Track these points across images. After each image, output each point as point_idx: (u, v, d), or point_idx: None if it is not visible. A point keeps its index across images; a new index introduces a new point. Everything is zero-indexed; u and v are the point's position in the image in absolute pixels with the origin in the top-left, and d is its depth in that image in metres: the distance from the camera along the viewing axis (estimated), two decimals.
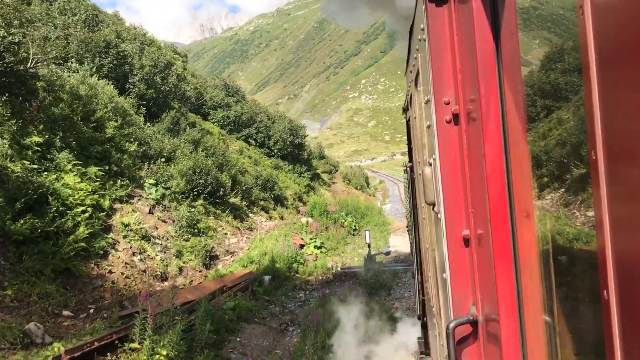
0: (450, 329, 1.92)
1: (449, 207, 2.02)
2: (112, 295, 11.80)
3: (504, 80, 1.60)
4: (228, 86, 45.34)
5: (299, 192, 33.16)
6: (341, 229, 22.51)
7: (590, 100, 0.90)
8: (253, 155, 33.40)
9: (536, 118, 1.50)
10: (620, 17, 0.79)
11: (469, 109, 1.86)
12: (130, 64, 24.87)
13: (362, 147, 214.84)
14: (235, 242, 18.20)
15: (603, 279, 0.88)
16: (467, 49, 1.81)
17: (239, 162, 27.88)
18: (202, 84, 38.64)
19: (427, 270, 3.64)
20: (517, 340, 1.59)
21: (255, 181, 26.87)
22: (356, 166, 69.32)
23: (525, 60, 1.55)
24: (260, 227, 22.87)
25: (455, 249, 2.01)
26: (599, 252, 0.89)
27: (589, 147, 0.91)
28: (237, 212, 21.98)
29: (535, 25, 1.61)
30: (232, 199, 23.04)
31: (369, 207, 28.35)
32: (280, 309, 12.13)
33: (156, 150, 20.38)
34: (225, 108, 36.10)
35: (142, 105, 24.33)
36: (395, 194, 51.37)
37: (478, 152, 1.72)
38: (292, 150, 41.14)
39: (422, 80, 2.50)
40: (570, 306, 1.35)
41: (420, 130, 3.05)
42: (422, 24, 2.21)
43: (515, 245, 1.59)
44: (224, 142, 31.13)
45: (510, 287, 1.60)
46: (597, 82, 0.88)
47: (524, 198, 1.56)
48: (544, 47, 1.55)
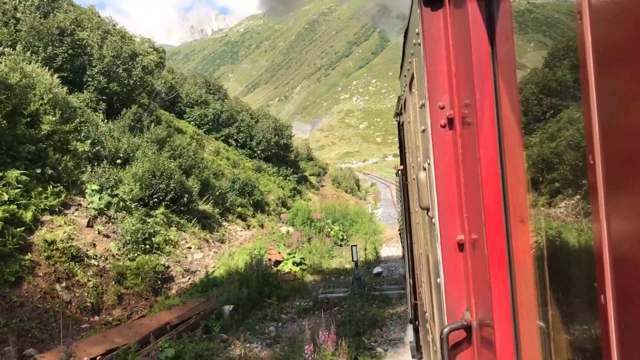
0: (444, 335, 1.91)
1: (443, 211, 2.02)
2: (20, 337, 9.03)
3: (499, 85, 1.60)
4: (209, 83, 42.55)
5: (282, 197, 30.42)
6: (327, 240, 19.83)
7: (588, 104, 0.89)
8: (232, 156, 30.61)
9: (532, 123, 1.47)
10: (618, 23, 0.79)
11: (463, 114, 1.85)
12: (89, 54, 22.06)
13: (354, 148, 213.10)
14: (200, 258, 15.44)
15: (600, 284, 0.88)
16: (462, 53, 1.82)
17: (213, 164, 25.11)
18: (180, 80, 35.83)
19: (420, 275, 3.61)
20: (511, 346, 1.59)
21: (231, 185, 24.12)
22: (346, 168, 66.58)
23: (520, 63, 1.53)
24: (235, 237, 20.13)
25: (449, 253, 2.00)
26: (597, 257, 0.89)
27: (587, 151, 0.92)
28: (207, 222, 19.22)
29: (531, 28, 1.59)
30: (202, 205, 20.27)
31: (358, 212, 25.68)
32: (242, 352, 9.38)
33: (110, 151, 17.58)
34: (203, 106, 33.30)
35: (101, 101, 21.54)
36: (387, 197, 48.77)
37: (473, 157, 1.73)
38: (277, 151, 38.41)
39: (417, 85, 2.52)
40: (565, 312, 1.33)
41: (414, 135, 3.05)
42: (417, 28, 2.21)
43: (510, 251, 1.60)
44: (199, 142, 28.34)
45: (505, 292, 1.60)
46: (594, 87, 0.87)
47: (519, 203, 1.56)
48: (539, 50, 1.52)
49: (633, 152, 0.77)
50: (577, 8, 0.92)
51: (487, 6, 1.61)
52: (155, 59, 33.73)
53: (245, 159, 33.32)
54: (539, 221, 1.45)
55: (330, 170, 54.59)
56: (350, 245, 12.97)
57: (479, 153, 1.64)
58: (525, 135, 1.49)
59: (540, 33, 1.54)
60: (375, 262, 16.46)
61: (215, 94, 41.31)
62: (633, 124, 0.77)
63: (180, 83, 34.82)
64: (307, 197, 40.48)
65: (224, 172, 25.97)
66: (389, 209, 38.34)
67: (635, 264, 0.78)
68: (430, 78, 2.04)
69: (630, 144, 0.78)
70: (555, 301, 1.36)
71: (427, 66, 2.04)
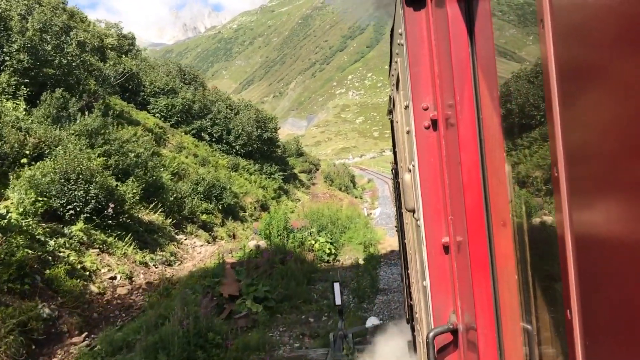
0: (430, 338, 1.89)
1: (428, 214, 2.01)
2: None
3: (479, 87, 1.59)
4: (184, 72, 37.97)
5: (263, 199, 25.90)
6: (309, 255, 15.35)
7: (552, 115, 0.88)
8: (202, 153, 26.04)
9: (513, 125, 1.47)
10: (581, 31, 0.78)
11: (447, 115, 1.84)
12: (7, 27, 17.53)
13: (351, 144, 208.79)
14: (125, 296, 10.96)
15: (566, 299, 0.87)
16: (443, 54, 1.81)
17: (173, 162, 20.61)
18: (145, 67, 31.24)
19: (411, 276, 3.58)
20: (494, 350, 1.58)
21: (194, 188, 19.63)
22: (340, 164, 61.88)
23: (519, 56, 1.51)
24: (191, 256, 15.66)
25: (435, 256, 1.99)
26: (562, 272, 0.88)
27: (551, 163, 0.90)
28: (151, 237, 14.73)
29: (530, 21, 1.46)
30: (148, 215, 15.78)
31: (352, 217, 21.19)
32: None
33: (13, 147, 13.09)
34: (170, 95, 28.74)
35: (22, 85, 17.03)
36: (385, 194, 44.30)
37: (455, 159, 1.72)
38: (260, 146, 33.87)
39: (402, 85, 2.53)
40: (547, 315, 1.34)
41: (401, 135, 3.05)
42: (401, 28, 2.19)
43: (492, 254, 1.59)
44: (161, 136, 23.80)
45: (488, 295, 1.60)
46: (557, 97, 0.86)
47: (501, 206, 1.56)
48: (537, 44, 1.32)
49: (596, 164, 0.75)
50: (539, 16, 0.89)
51: (467, 7, 1.61)
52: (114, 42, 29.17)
53: (221, 156, 28.79)
54: (521, 224, 1.45)
55: (323, 166, 50.03)
56: (331, 281, 8.50)
57: (460, 156, 1.64)
58: (506, 138, 1.48)
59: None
60: (370, 294, 12.01)
61: (191, 83, 36.75)
62: (595, 134, 0.75)
63: (145, 70, 30.23)
64: (296, 197, 35.99)
65: (188, 171, 21.47)
66: (388, 208, 33.88)
67: (601, 279, 0.77)
68: (413, 79, 2.03)
69: (593, 156, 0.76)
70: (538, 305, 1.36)
71: (411, 67, 2.03)
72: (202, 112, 29.85)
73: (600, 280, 0.77)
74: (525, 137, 1.36)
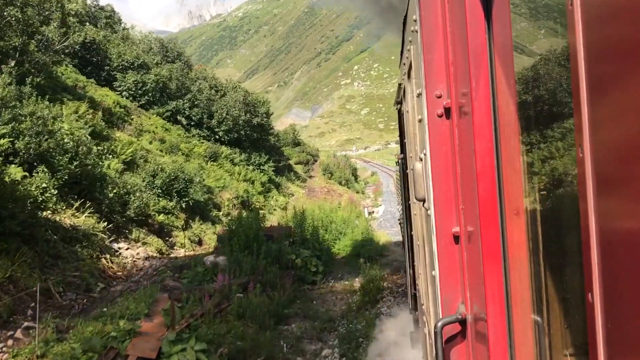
0: (438, 328, 1.87)
1: (439, 203, 1.99)
2: None
3: (496, 74, 1.57)
4: (166, 48, 33.82)
5: (245, 195, 21.79)
6: (286, 278, 11.31)
7: (578, 95, 0.87)
8: (172, 138, 21.90)
9: (529, 113, 1.45)
10: (610, 9, 0.78)
11: (461, 103, 1.83)
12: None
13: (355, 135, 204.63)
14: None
15: (588, 282, 0.87)
16: (459, 41, 1.78)
17: (127, 148, 16.54)
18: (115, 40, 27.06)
19: (418, 267, 3.53)
20: (505, 340, 1.57)
21: (150, 181, 15.58)
22: (341, 156, 57.47)
23: (530, 50, 1.52)
24: (128, 274, 11.65)
25: (444, 246, 1.97)
26: (584, 253, 0.87)
27: (576, 144, 0.89)
28: (68, 249, 10.73)
29: (542, 15, 1.54)
30: (73, 217, 11.78)
31: (349, 220, 17.02)
32: None
33: None
34: (140, 71, 24.61)
35: None
36: (390, 190, 40.15)
37: (469, 148, 1.69)
38: (249, 133, 29.75)
39: (414, 73, 2.48)
40: (559, 306, 1.33)
41: (412, 124, 3.01)
42: (415, 14, 2.16)
43: (504, 244, 1.57)
44: (119, 117, 19.71)
45: (499, 286, 1.58)
46: (585, 76, 0.85)
47: (515, 195, 1.54)
48: (549, 37, 1.47)
49: (622, 144, 0.74)
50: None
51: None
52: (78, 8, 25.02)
53: (199, 143, 24.70)
54: (535, 214, 1.42)
55: (322, 157, 45.82)
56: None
57: (474, 144, 1.61)
58: (522, 126, 1.45)
59: (551, 20, 1.49)
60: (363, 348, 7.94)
61: (175, 62, 32.61)
62: (623, 115, 0.74)
63: (117, 43, 26.06)
64: (289, 191, 31.93)
65: (148, 160, 17.41)
66: (392, 206, 29.78)
67: (624, 262, 0.76)
68: (427, 66, 2.00)
69: (619, 136, 0.75)
70: (551, 295, 1.34)
71: (425, 54, 2.00)
72: (179, 91, 25.73)
73: (622, 262, 0.76)
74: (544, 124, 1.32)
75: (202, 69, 33.30)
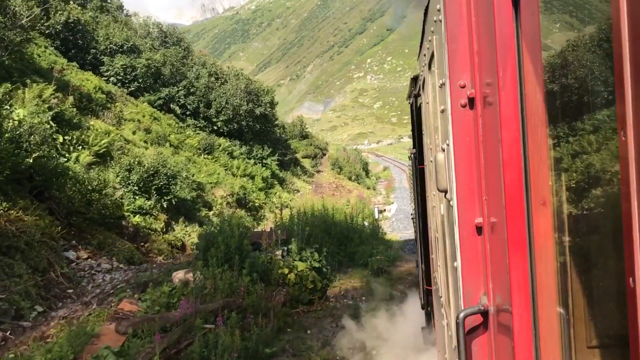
0: (460, 319, 1.85)
1: (461, 194, 1.97)
2: None
3: (523, 63, 1.53)
4: (165, 34, 31.69)
5: (241, 192, 19.57)
6: (277, 295, 9.06)
7: (622, 80, 0.86)
8: (160, 128, 19.70)
9: (557, 103, 1.44)
10: None
11: (485, 93, 1.82)
12: None
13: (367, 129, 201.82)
14: None
15: (629, 267, 0.86)
16: (485, 30, 1.77)
17: (102, 138, 14.39)
18: (105, 22, 24.93)
19: (436, 260, 3.57)
20: (529, 332, 1.54)
21: (124, 176, 13.43)
22: (352, 149, 54.92)
23: (545, 44, 1.51)
24: (84, 290, 9.51)
25: (467, 237, 1.96)
26: (625, 237, 0.86)
27: (618, 128, 0.88)
28: (5, 260, 8.59)
29: (557, 8, 1.53)
30: (17, 221, 9.65)
31: (353, 229, 14.62)
32: None
33: None
34: (130, 55, 22.47)
35: None
36: (403, 185, 37.71)
37: (494, 138, 1.67)
38: (251, 124, 27.54)
39: (437, 63, 2.47)
40: (585, 298, 1.28)
41: (433, 115, 3.01)
42: (439, 4, 2.15)
43: (530, 234, 1.53)
44: (100, 103, 17.56)
45: (525, 277, 1.54)
46: (629, 61, 0.84)
47: (541, 185, 1.52)
48: (564, 31, 1.48)
49: None
50: None
51: None
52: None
53: (194, 134, 22.53)
54: (562, 205, 1.39)
55: (331, 151, 43.45)
56: None
57: (501, 134, 1.59)
58: (550, 116, 1.43)
59: (567, 14, 1.50)
60: None
61: (175, 46, 30.46)
62: None
63: (106, 25, 23.94)
64: (294, 187, 29.70)
65: (129, 152, 15.26)
66: (406, 204, 27.36)
67: None
68: (451, 56, 1.98)
69: None
70: (576, 286, 1.29)
71: (449, 44, 1.99)
72: (174, 78, 23.56)
73: None
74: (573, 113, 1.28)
75: (202, 55, 31.13)
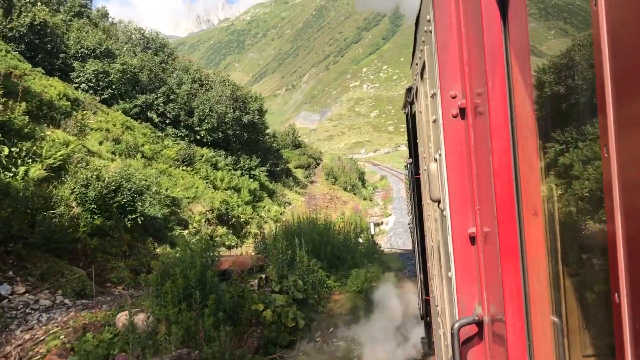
0: (455, 329, 1.86)
1: (454, 204, 1.97)
2: None
3: (512, 73, 1.56)
4: (147, 39, 30.04)
5: (223, 207, 17.77)
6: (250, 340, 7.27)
7: (603, 95, 0.87)
8: (132, 138, 17.91)
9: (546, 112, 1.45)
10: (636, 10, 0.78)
11: (476, 103, 1.83)
12: None
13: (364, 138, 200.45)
14: None
15: (614, 282, 0.86)
16: (474, 40, 1.79)
17: (57, 149, 12.61)
18: (81, 27, 23.25)
19: (432, 269, 3.57)
20: (523, 341, 1.55)
21: (80, 192, 11.64)
22: (347, 158, 53.20)
23: (540, 50, 1.49)
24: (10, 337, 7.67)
25: (461, 247, 1.96)
26: (610, 253, 0.87)
27: (601, 144, 0.89)
28: None
29: (552, 15, 1.55)
30: None
31: (346, 247, 12.90)
32: None
33: None
34: (104, 60, 20.76)
35: None
36: (401, 195, 35.97)
37: (485, 148, 1.69)
38: (238, 133, 25.83)
39: (428, 73, 2.48)
40: (579, 307, 1.29)
41: (426, 125, 3.02)
42: (429, 14, 2.16)
43: (522, 244, 1.55)
44: (63, 111, 15.80)
45: (517, 286, 1.56)
46: (610, 76, 0.85)
47: (532, 195, 1.53)
48: (559, 38, 1.48)
49: None
50: None
51: None
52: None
53: (173, 144, 20.78)
54: (553, 214, 1.39)
55: (325, 160, 41.71)
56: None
57: (491, 143, 1.60)
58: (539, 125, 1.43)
59: (561, 20, 1.49)
60: None
61: (158, 54, 28.80)
62: None
63: (75, 27, 22.23)
64: (286, 199, 27.88)
65: (91, 165, 13.49)
66: (404, 216, 25.57)
67: None
68: (441, 66, 1.99)
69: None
70: (568, 296, 1.30)
71: (439, 54, 1.99)
72: (152, 84, 21.85)
73: None
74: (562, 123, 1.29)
75: (186, 61, 29.49)
